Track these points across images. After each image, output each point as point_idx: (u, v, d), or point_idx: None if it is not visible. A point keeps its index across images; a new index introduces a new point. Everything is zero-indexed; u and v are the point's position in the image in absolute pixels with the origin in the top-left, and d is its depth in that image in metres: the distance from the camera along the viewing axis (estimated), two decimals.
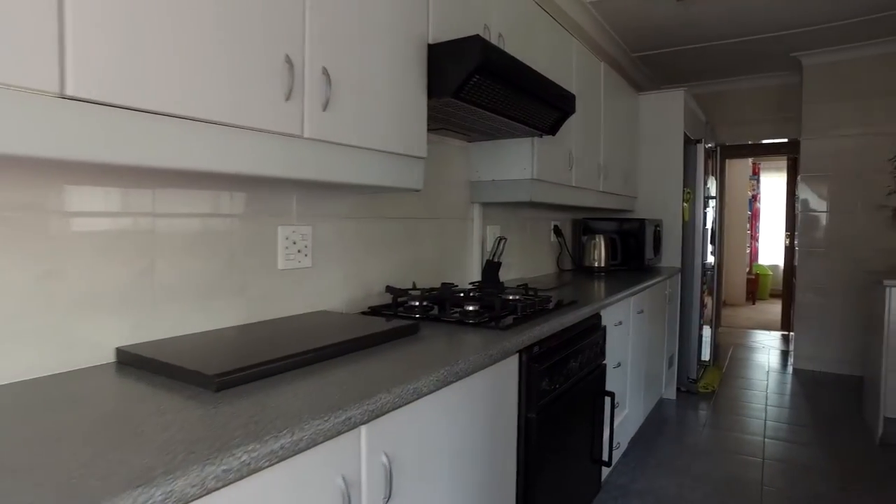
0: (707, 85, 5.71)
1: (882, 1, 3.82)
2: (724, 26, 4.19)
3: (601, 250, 3.32)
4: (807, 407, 3.99)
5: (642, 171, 4.05)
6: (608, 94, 3.29)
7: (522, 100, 1.87)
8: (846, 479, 2.86)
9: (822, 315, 4.90)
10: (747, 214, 8.96)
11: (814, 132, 4.87)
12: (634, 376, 2.90)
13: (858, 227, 4.74)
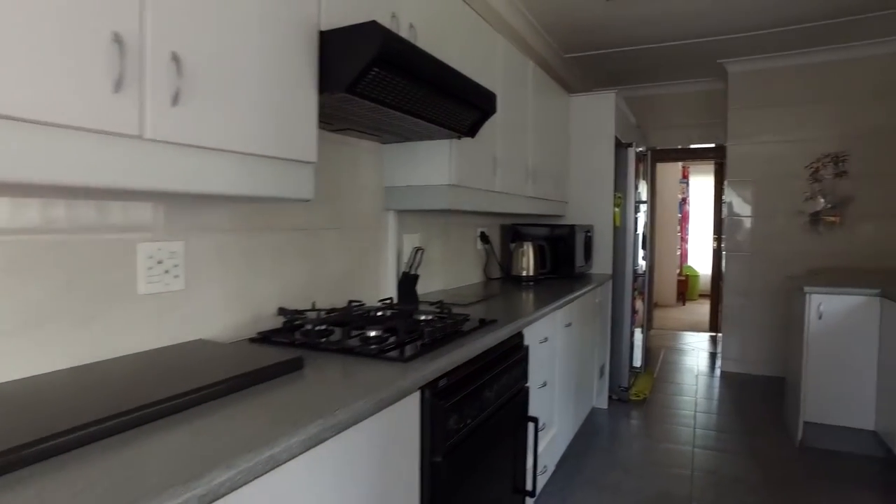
0: (639, 88, 5.71)
1: (799, 14, 3.86)
2: (654, 30, 4.15)
3: (529, 258, 3.17)
4: (734, 412, 3.99)
5: (574, 175, 3.95)
6: (537, 94, 3.15)
7: (434, 97, 1.67)
8: (771, 487, 2.83)
9: (747, 317, 4.97)
10: (677, 217, 9.15)
11: (738, 138, 4.93)
12: (562, 393, 2.76)
13: (780, 231, 4.83)
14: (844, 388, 3.20)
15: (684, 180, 9.41)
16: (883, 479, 2.93)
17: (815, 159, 4.64)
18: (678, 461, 3.14)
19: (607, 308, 3.84)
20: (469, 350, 1.59)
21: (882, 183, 4.46)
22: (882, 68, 4.45)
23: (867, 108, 4.50)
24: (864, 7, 3.78)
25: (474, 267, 3.22)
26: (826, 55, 4.58)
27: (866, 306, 3.11)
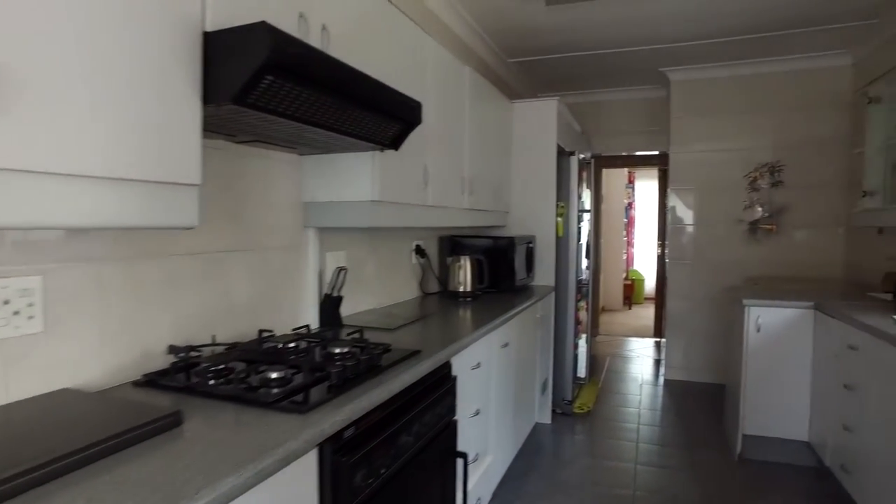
0: (585, 94, 5.68)
1: (734, 27, 3.87)
2: (595, 36, 4.09)
3: (466, 273, 3.03)
4: (676, 423, 3.97)
5: (516, 185, 3.84)
6: (475, 101, 3.01)
7: (346, 108, 1.50)
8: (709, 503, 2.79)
9: (690, 324, 4.98)
10: (623, 221, 9.24)
11: (681, 145, 4.94)
12: (499, 418, 2.63)
13: (720, 238, 4.86)
14: (781, 400, 3.19)
15: (630, 185, 9.51)
16: (814, 489, 2.93)
17: (753, 168, 4.69)
18: (620, 480, 3.06)
19: (549, 321, 3.74)
20: (386, 390, 1.42)
21: (814, 192, 4.54)
22: (812, 81, 4.53)
23: (799, 120, 4.57)
24: (792, 24, 3.82)
25: (410, 282, 3.05)
26: (761, 67, 4.63)
27: (801, 319, 3.11)
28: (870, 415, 2.42)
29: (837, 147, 4.41)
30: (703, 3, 3.47)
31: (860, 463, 2.52)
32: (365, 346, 1.71)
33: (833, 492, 2.82)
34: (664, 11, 3.62)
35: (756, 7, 3.54)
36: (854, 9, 3.60)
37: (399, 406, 1.52)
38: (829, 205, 4.50)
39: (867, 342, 2.41)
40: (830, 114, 4.46)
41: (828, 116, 4.47)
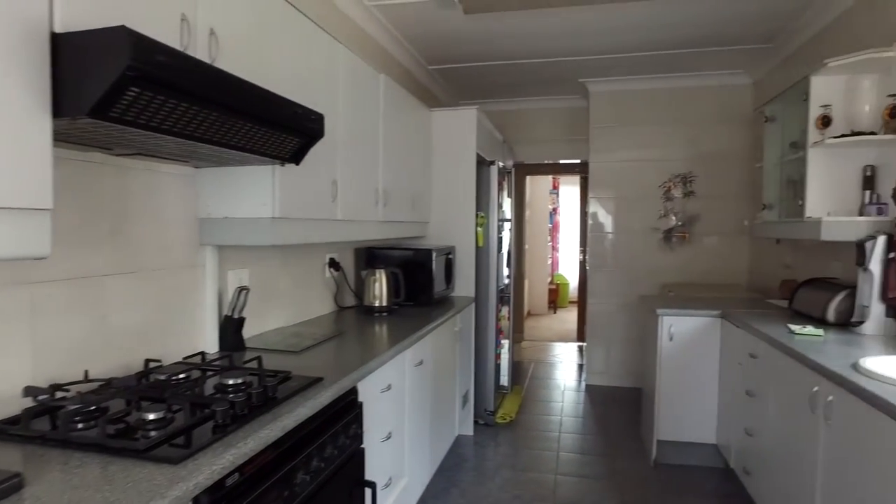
0: (508, 103, 5.71)
1: (650, 42, 3.99)
2: (515, 45, 4.10)
3: (382, 286, 2.94)
4: (596, 430, 4.03)
5: (436, 195, 3.78)
6: (391, 110, 2.93)
7: (234, 122, 1.38)
8: None
9: (610, 329, 5.10)
10: (548, 226, 9.41)
11: (599, 155, 5.06)
12: (414, 439, 2.55)
13: (638, 246, 5.01)
14: (692, 405, 3.29)
15: (555, 191, 9.71)
16: (722, 490, 3.04)
17: (668, 179, 4.86)
18: (541, 492, 3.05)
19: (470, 333, 3.70)
20: (279, 427, 1.32)
21: (722, 203, 4.76)
22: (718, 98, 4.75)
23: (709, 133, 4.79)
24: (699, 43, 3.99)
25: (324, 297, 2.93)
26: (674, 82, 4.81)
27: (710, 327, 3.23)
28: (767, 420, 2.52)
29: (742, 161, 4.63)
30: (619, 18, 3.55)
31: (759, 465, 2.63)
32: (261, 375, 1.58)
33: (737, 492, 2.92)
34: (582, 25, 3.67)
35: (666, 25, 3.66)
36: (752, 33, 3.80)
37: (295, 442, 1.41)
38: (735, 215, 4.72)
39: (765, 350, 2.51)
40: (735, 129, 4.69)
41: (733, 131, 4.70)
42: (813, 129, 2.83)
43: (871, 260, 2.44)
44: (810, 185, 2.87)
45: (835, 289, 2.71)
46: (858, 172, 2.76)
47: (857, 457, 1.72)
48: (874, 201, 2.65)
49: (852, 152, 2.76)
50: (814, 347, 2.19)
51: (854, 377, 1.74)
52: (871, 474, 1.63)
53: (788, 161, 3.24)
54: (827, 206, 2.86)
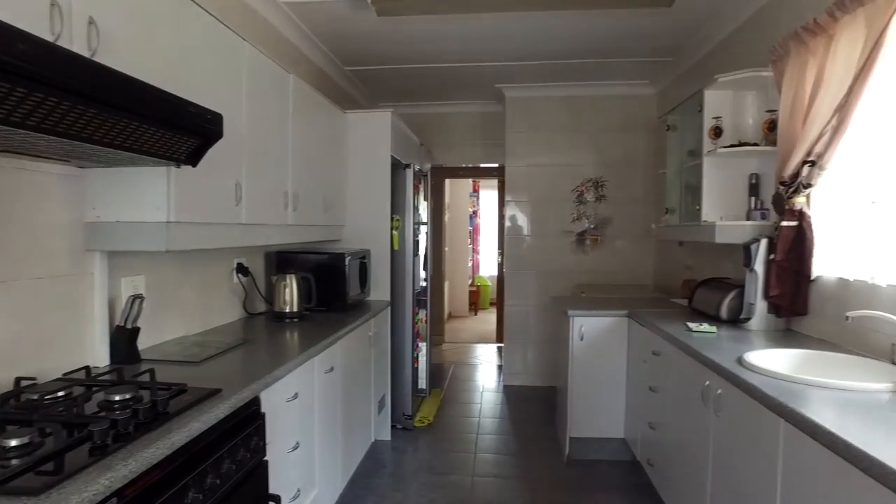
0: (426, 106, 5.72)
1: (562, 50, 4.12)
2: (430, 49, 4.12)
3: (293, 292, 2.86)
4: (513, 430, 4.10)
5: (351, 198, 3.72)
6: (302, 111, 2.85)
7: (114, 119, 1.28)
8: None
9: (526, 330, 5.22)
10: (469, 229, 9.52)
11: (515, 159, 5.17)
12: (325, 447, 2.49)
13: (552, 248, 5.15)
14: (602, 402, 3.42)
15: (475, 194, 9.84)
16: (629, 483, 3.17)
17: (580, 183, 5.04)
18: (457, 495, 3.07)
19: (385, 337, 3.67)
20: (167, 445, 1.24)
21: (631, 207, 4.99)
22: (626, 106, 4.99)
23: (618, 140, 5.01)
24: (607, 53, 4.16)
25: (231, 303, 2.81)
26: (586, 90, 5.00)
27: (617, 327, 3.36)
28: (667, 414, 2.65)
29: (648, 167, 4.87)
30: (531, 26, 3.63)
31: (660, 457, 2.76)
32: (152, 388, 1.49)
33: (643, 484, 3.05)
34: (497, 31, 3.73)
35: (576, 35, 3.79)
36: (655, 47, 4.01)
37: (186, 460, 1.34)
38: (643, 219, 4.96)
39: (666, 348, 2.64)
40: (641, 137, 4.92)
41: (639, 139, 4.93)
42: (707, 138, 3.01)
43: (755, 261, 2.62)
44: (706, 191, 3.06)
45: (727, 288, 2.90)
46: (745, 180, 2.97)
47: (741, 445, 1.84)
48: (758, 207, 2.86)
49: (740, 161, 2.97)
50: (708, 344, 2.32)
51: (738, 371, 1.86)
52: (752, 461, 1.74)
53: (687, 168, 3.44)
54: (720, 210, 3.05)
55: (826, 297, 2.37)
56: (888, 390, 1.62)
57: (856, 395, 1.59)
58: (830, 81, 2.13)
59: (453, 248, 8.80)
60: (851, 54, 2.02)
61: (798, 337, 2.47)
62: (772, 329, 2.61)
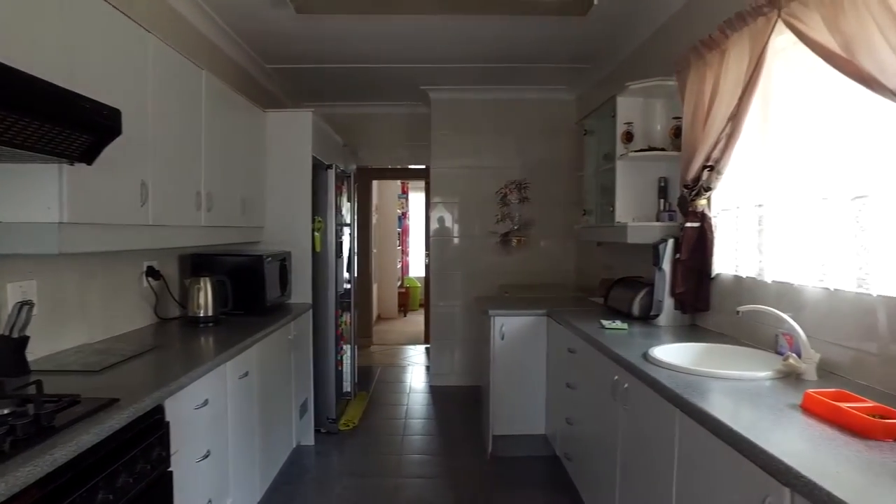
0: (352, 106, 5.67)
1: (485, 54, 4.18)
2: (356, 50, 4.09)
3: (207, 295, 2.76)
4: (438, 431, 4.13)
5: (272, 199, 3.63)
6: (216, 109, 2.76)
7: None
8: None
9: (453, 331, 5.26)
10: (398, 231, 9.50)
11: (441, 161, 5.21)
12: (241, 454, 2.41)
13: (478, 249, 5.23)
14: (523, 399, 3.50)
15: (404, 195, 9.83)
16: (549, 477, 3.26)
17: (504, 185, 5.13)
18: (381, 497, 3.06)
19: (307, 340, 3.60)
20: (48, 461, 1.16)
21: (552, 209, 5.13)
22: (547, 110, 5.13)
23: (540, 143, 5.14)
24: (529, 59, 4.27)
25: (141, 308, 2.68)
26: (509, 93, 5.10)
27: (537, 325, 3.45)
28: (582, 409, 2.75)
29: (568, 170, 5.01)
30: (454, 29, 3.67)
31: (577, 451, 2.86)
32: (37, 401, 1.39)
33: (562, 479, 3.14)
34: (420, 32, 3.75)
35: (498, 39, 3.86)
36: (574, 54, 4.15)
37: (73, 476, 1.26)
38: (564, 220, 5.10)
39: (581, 345, 2.73)
40: (562, 140, 5.06)
41: (560, 142, 5.08)
42: (619, 143, 3.15)
43: (663, 260, 2.77)
44: (619, 193, 3.19)
45: (639, 287, 3.03)
46: (655, 183, 3.12)
47: (645, 436, 1.93)
48: (666, 209, 3.01)
49: (650, 165, 3.12)
50: (619, 340, 2.43)
51: (642, 365, 1.95)
52: (654, 450, 1.84)
53: (603, 171, 3.58)
54: (633, 212, 3.20)
55: (724, 293, 2.53)
56: (769, 377, 1.76)
57: (742, 384, 1.71)
58: (724, 92, 2.28)
59: (382, 250, 8.76)
60: (740, 67, 2.16)
61: (701, 331, 2.62)
62: (678, 325, 2.76)
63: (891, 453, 1.17)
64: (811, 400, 1.46)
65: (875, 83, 1.49)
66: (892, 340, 1.62)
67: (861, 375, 1.72)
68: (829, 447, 1.22)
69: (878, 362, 1.67)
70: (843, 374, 1.78)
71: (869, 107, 1.65)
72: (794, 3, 1.84)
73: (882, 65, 1.45)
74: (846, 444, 1.23)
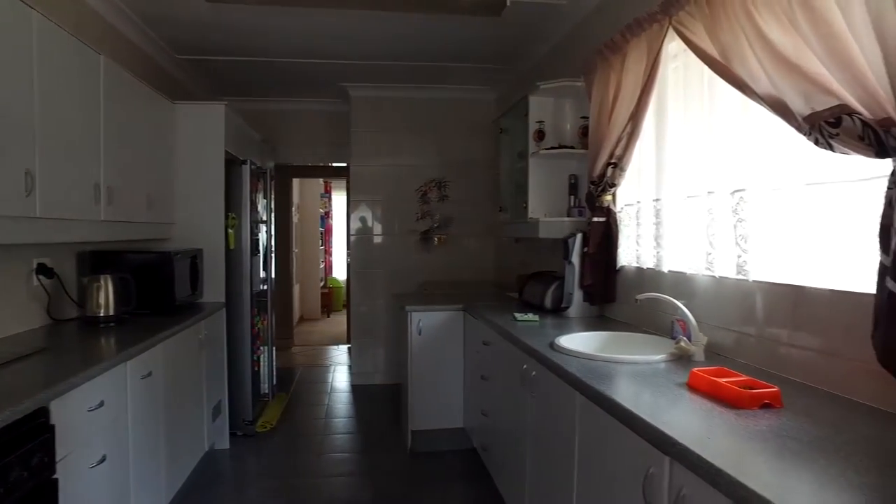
0: (273, 102, 5.54)
1: (405, 52, 4.20)
2: (273, 43, 3.99)
3: (108, 294, 2.61)
4: (359, 429, 4.10)
5: (182, 194, 3.48)
6: (117, 97, 2.62)
7: None
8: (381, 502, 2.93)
9: (374, 330, 5.24)
10: (320, 231, 9.35)
11: (361, 159, 5.18)
12: (143, 460, 2.29)
13: (399, 247, 5.24)
14: (441, 394, 3.54)
15: (326, 195, 9.68)
16: (468, 470, 3.31)
17: (424, 183, 5.17)
18: (299, 497, 3.01)
19: (220, 340, 3.48)
20: None
21: (472, 207, 5.21)
22: (468, 110, 5.21)
23: (461, 142, 5.21)
24: (448, 58, 4.33)
25: (30, 309, 2.49)
26: (430, 92, 5.14)
27: (454, 320, 3.50)
28: (496, 400, 2.82)
29: (487, 168, 5.10)
30: (372, 25, 3.66)
31: (492, 442, 2.93)
32: None
33: (481, 470, 3.20)
34: (339, 28, 3.70)
35: (417, 38, 3.89)
36: (493, 54, 4.24)
37: None
38: (484, 218, 5.19)
39: (494, 338, 2.80)
40: (481, 139, 5.14)
41: (479, 141, 5.16)
42: (531, 141, 3.24)
43: (572, 254, 2.88)
44: (531, 190, 3.29)
45: (551, 280, 3.14)
46: (566, 180, 3.24)
47: (551, 421, 2.01)
48: (576, 205, 3.14)
49: (561, 163, 3.24)
50: (530, 331, 2.50)
51: (548, 353, 2.02)
52: (558, 433, 1.91)
53: (517, 169, 3.67)
54: (545, 208, 3.30)
55: (628, 284, 2.66)
56: (663, 360, 1.87)
57: (638, 367, 1.81)
58: (625, 92, 2.40)
59: (304, 250, 8.60)
60: (639, 69, 2.29)
61: (607, 321, 2.75)
62: (587, 315, 2.88)
63: (755, 419, 1.28)
64: (695, 378, 1.57)
65: (747, 88, 1.63)
66: (767, 323, 1.76)
67: (742, 355, 1.86)
68: (705, 418, 1.32)
69: (755, 343, 1.81)
70: (728, 355, 1.92)
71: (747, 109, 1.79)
72: (682, 13, 1.97)
73: (751, 72, 1.58)
74: (720, 415, 1.33)
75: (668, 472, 1.22)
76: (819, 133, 1.36)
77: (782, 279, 1.71)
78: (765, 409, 1.35)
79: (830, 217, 1.54)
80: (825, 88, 1.34)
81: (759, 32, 1.52)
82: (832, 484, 0.97)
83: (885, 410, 1.33)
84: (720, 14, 1.71)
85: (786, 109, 1.47)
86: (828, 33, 1.30)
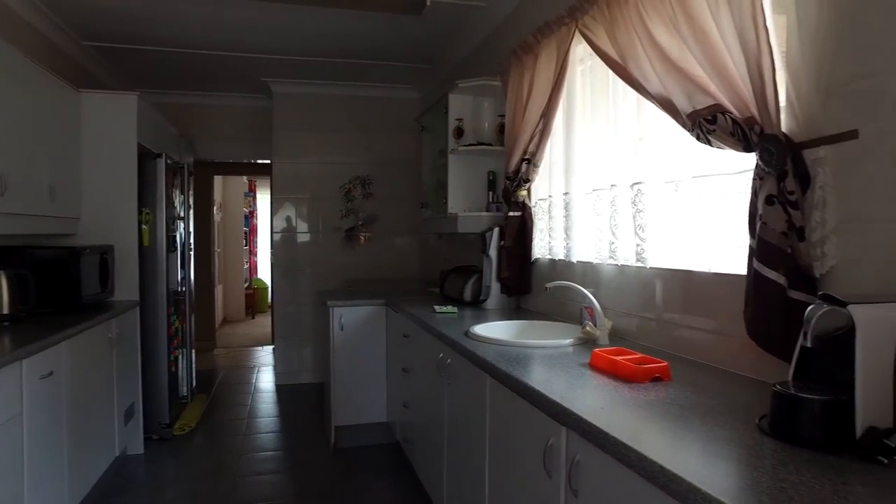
0: (194, 96, 5.37)
1: (328, 49, 4.19)
2: (191, 34, 3.87)
3: (2, 292, 2.46)
4: (281, 427, 4.05)
5: (89, 188, 3.31)
6: (11, 82, 2.47)
7: None
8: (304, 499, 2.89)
9: (298, 329, 5.17)
10: (244, 230, 9.10)
11: (284, 156, 5.11)
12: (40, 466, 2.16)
13: (323, 245, 5.20)
14: (364, 389, 3.55)
15: (251, 193, 9.44)
16: (392, 464, 3.35)
17: (348, 181, 5.15)
18: (218, 498, 2.94)
19: (132, 340, 3.35)
20: None
21: (397, 204, 5.24)
22: (392, 108, 5.25)
23: (385, 140, 5.24)
24: (371, 56, 4.35)
25: None
26: (355, 90, 5.14)
27: (376, 315, 3.53)
28: (416, 391, 2.87)
29: (411, 166, 5.15)
30: (293, 20, 3.62)
31: (413, 434, 2.97)
32: None
33: (404, 464, 3.24)
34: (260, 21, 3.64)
35: (338, 35, 3.89)
36: (415, 53, 4.30)
37: None
38: (408, 215, 5.23)
39: (414, 330, 2.85)
40: (406, 137, 5.18)
41: (404, 139, 5.20)
42: (451, 138, 3.32)
43: (490, 248, 2.97)
44: (451, 186, 3.37)
45: (470, 274, 3.22)
46: (485, 176, 3.34)
47: (465, 407, 2.08)
48: (494, 200, 3.24)
49: (480, 159, 3.33)
50: (447, 322, 2.55)
51: (462, 341, 2.09)
52: (472, 417, 1.98)
53: (438, 165, 3.74)
54: (465, 204, 3.39)
55: (542, 276, 2.78)
56: (571, 344, 1.98)
57: (546, 351, 1.91)
58: (537, 91, 2.52)
59: (227, 250, 8.34)
60: (549, 69, 2.41)
61: (523, 311, 2.86)
62: (505, 307, 2.98)
63: (645, 391, 1.40)
64: (595, 357, 1.68)
65: (642, 88, 1.76)
66: (665, 307, 1.90)
67: (644, 338, 2.00)
68: (601, 391, 1.42)
69: (655, 326, 1.95)
70: (631, 339, 2.05)
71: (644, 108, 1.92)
72: (587, 17, 2.10)
73: (644, 73, 1.72)
74: (615, 389, 1.44)
75: (564, 441, 1.31)
76: (700, 129, 1.50)
77: (675, 265, 1.85)
78: (655, 383, 1.47)
79: (713, 206, 1.69)
80: (704, 89, 1.48)
81: (650, 36, 1.65)
82: (697, 439, 1.09)
83: (762, 381, 1.47)
84: (618, 18, 1.84)
85: (673, 108, 1.61)
86: (704, 40, 1.44)
